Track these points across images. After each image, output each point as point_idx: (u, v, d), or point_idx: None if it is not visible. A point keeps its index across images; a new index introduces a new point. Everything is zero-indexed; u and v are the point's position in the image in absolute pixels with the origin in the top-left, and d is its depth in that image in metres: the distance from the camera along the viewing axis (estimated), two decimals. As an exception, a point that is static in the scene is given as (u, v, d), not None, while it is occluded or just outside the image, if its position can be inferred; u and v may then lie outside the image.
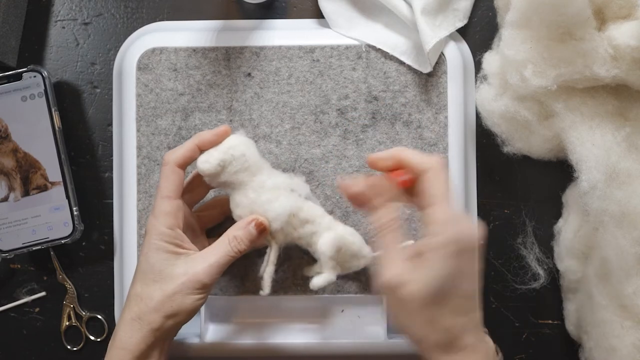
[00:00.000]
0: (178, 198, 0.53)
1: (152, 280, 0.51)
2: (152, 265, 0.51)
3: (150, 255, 0.52)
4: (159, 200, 0.52)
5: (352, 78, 0.61)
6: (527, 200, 0.63)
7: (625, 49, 0.52)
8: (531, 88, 0.56)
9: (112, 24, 0.64)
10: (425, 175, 0.48)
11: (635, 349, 0.54)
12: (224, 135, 0.53)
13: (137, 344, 0.51)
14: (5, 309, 0.63)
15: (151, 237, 0.52)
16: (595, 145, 0.55)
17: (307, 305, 0.61)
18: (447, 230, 0.46)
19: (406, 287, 0.46)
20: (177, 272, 0.51)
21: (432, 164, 0.48)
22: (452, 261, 0.45)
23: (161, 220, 0.52)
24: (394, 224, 0.48)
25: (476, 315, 0.47)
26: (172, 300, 0.51)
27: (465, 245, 0.46)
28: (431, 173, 0.48)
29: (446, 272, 0.45)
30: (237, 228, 0.53)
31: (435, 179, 0.48)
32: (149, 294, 0.51)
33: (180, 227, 0.53)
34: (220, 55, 0.61)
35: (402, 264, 0.47)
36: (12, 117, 0.61)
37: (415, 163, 0.49)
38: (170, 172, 0.52)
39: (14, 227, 0.61)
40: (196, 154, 0.53)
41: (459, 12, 0.62)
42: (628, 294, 0.54)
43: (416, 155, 0.49)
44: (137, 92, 0.61)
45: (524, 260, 0.62)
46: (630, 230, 0.53)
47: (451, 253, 0.45)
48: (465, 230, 0.46)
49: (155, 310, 0.51)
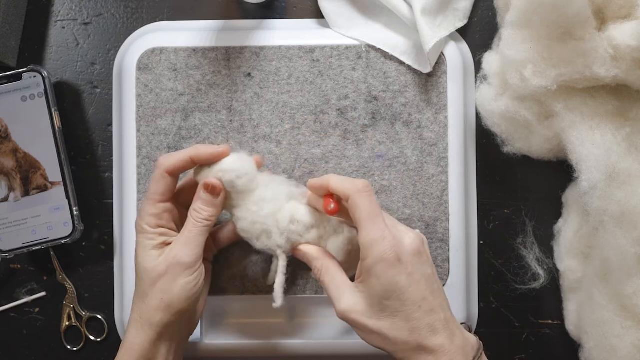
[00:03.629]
0: (164, 201, 0.54)
1: (145, 279, 0.52)
2: (140, 263, 0.53)
3: (139, 255, 0.53)
4: (145, 202, 0.54)
5: (352, 78, 0.61)
6: (527, 200, 0.63)
7: (625, 49, 0.52)
8: (531, 88, 0.56)
9: (112, 24, 0.64)
10: (349, 202, 0.50)
11: (635, 349, 0.54)
12: (221, 155, 0.53)
13: (141, 343, 0.51)
14: (5, 309, 0.63)
15: (138, 237, 0.53)
16: (595, 145, 0.55)
17: (307, 305, 0.61)
18: (370, 254, 0.48)
19: (354, 313, 0.49)
20: (158, 262, 0.52)
21: (353, 189, 0.50)
22: (384, 278, 0.48)
23: (146, 220, 0.53)
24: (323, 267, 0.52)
25: (439, 316, 0.49)
26: (162, 292, 0.51)
27: (390, 261, 0.48)
28: (351, 199, 0.50)
29: (382, 290, 0.48)
30: (194, 200, 0.53)
31: (355, 205, 0.50)
32: (145, 292, 0.52)
33: (165, 227, 0.54)
34: (220, 55, 0.61)
35: (346, 294, 0.50)
36: (12, 117, 0.61)
37: (339, 190, 0.51)
38: (160, 177, 0.53)
39: (14, 227, 0.61)
40: (188, 166, 0.53)
41: (459, 12, 0.62)
42: (628, 294, 0.54)
43: (339, 183, 0.51)
44: (137, 92, 0.61)
45: (524, 260, 0.62)
46: (630, 230, 0.53)
47: (380, 273, 0.48)
48: (387, 247, 0.48)
49: (152, 307, 0.51)
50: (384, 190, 0.60)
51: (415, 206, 0.60)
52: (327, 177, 0.52)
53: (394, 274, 0.48)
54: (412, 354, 0.48)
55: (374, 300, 0.48)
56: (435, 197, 0.60)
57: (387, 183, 0.60)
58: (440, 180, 0.60)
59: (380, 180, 0.60)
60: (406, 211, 0.60)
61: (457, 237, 0.60)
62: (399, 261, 0.48)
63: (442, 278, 0.60)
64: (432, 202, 0.60)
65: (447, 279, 0.60)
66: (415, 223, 0.60)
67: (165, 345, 0.52)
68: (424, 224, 0.60)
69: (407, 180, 0.60)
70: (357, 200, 0.49)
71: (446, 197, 0.60)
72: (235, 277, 0.60)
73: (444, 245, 0.60)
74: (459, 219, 0.60)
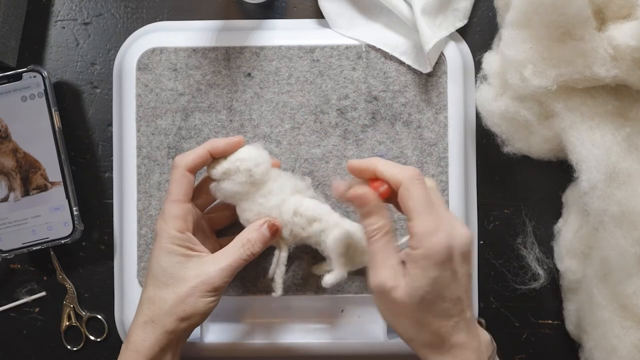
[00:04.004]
0: (187, 202, 0.53)
1: (164, 283, 0.51)
2: (164, 268, 0.51)
3: (161, 259, 0.52)
4: (168, 204, 0.52)
5: (352, 78, 0.61)
6: (527, 200, 0.63)
7: (625, 49, 0.52)
8: (531, 88, 0.56)
9: (112, 24, 0.64)
10: (400, 190, 0.48)
11: (635, 349, 0.54)
12: (237, 145, 0.53)
13: (150, 347, 0.51)
14: (5, 309, 0.63)
15: (162, 241, 0.52)
16: (595, 145, 0.55)
17: (307, 305, 0.61)
18: (423, 245, 0.46)
19: (395, 291, 0.47)
20: (189, 274, 0.51)
21: (404, 177, 0.48)
22: (431, 273, 0.46)
23: (171, 224, 0.52)
24: (384, 229, 0.49)
25: (466, 315, 0.48)
26: (185, 303, 0.51)
27: (442, 257, 0.46)
28: (404, 187, 0.48)
29: (426, 284, 0.46)
30: (251, 230, 0.53)
31: (408, 193, 0.48)
32: (162, 297, 0.51)
33: (190, 230, 0.53)
34: (220, 55, 0.61)
35: (392, 268, 0.48)
36: (12, 117, 0.61)
37: (388, 177, 0.49)
38: (181, 176, 0.52)
39: (14, 227, 0.61)
40: (207, 160, 0.53)
41: (459, 12, 0.62)
42: (628, 294, 0.54)
43: (389, 169, 0.49)
44: (137, 92, 0.61)
45: (524, 260, 0.62)
46: (630, 230, 0.53)
47: (428, 266, 0.46)
48: (442, 242, 0.46)
49: (168, 314, 0.51)
50: (384, 190, 0.60)
51: (415, 206, 0.60)
52: (373, 160, 0.50)
53: (441, 269, 0.46)
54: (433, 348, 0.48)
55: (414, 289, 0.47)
56: (435, 197, 0.60)
57: (387, 183, 0.60)
58: (440, 180, 0.60)
59: (380, 180, 0.60)
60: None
61: (457, 237, 0.60)
62: (449, 257, 0.46)
63: (442, 278, 0.60)
64: (432, 202, 0.60)
65: (447, 279, 0.60)
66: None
67: (171, 351, 0.52)
68: (424, 224, 0.60)
69: (407, 180, 0.60)
70: (411, 188, 0.47)
71: (446, 197, 0.60)
72: (235, 277, 0.60)
73: (444, 245, 0.60)
74: (459, 219, 0.60)
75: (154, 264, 0.52)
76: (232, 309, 0.61)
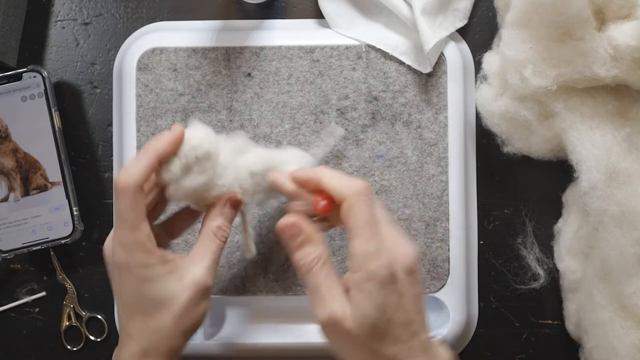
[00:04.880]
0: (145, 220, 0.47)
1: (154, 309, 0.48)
2: (148, 296, 0.47)
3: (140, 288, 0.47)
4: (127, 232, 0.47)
5: (352, 78, 0.61)
6: (527, 200, 0.63)
7: (625, 49, 0.52)
8: (531, 88, 0.56)
9: (112, 24, 0.64)
10: (343, 205, 0.45)
11: (635, 349, 0.54)
12: (181, 137, 0.48)
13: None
14: (5, 309, 0.63)
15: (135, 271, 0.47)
16: (595, 145, 0.55)
17: (307, 305, 0.61)
18: (363, 268, 0.44)
19: (345, 323, 0.44)
20: (177, 289, 0.48)
21: (349, 192, 0.45)
22: (376, 298, 0.44)
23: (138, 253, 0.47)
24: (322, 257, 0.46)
25: (420, 338, 0.46)
26: (185, 317, 0.48)
27: (385, 279, 0.44)
28: (347, 203, 0.45)
29: (373, 310, 0.44)
30: (214, 217, 0.49)
31: (351, 210, 0.45)
32: (157, 324, 0.47)
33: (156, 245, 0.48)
34: (220, 55, 0.61)
35: (339, 297, 0.45)
36: (12, 117, 0.61)
37: (332, 190, 0.46)
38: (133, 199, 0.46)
39: (14, 227, 0.61)
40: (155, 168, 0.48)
41: (459, 12, 0.62)
42: (628, 294, 0.54)
43: (334, 180, 0.46)
44: (137, 92, 0.61)
45: (524, 260, 0.62)
46: (630, 230, 0.53)
47: (372, 290, 0.44)
48: (383, 264, 0.44)
49: (169, 337, 0.48)
50: (384, 190, 0.60)
51: (415, 206, 0.60)
52: (318, 171, 0.47)
53: (386, 293, 0.44)
54: None
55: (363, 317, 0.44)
56: (435, 197, 0.60)
57: (387, 183, 0.60)
58: (440, 180, 0.60)
59: (380, 180, 0.60)
60: (406, 211, 0.60)
61: (457, 237, 0.60)
62: (392, 279, 0.44)
63: (442, 278, 0.60)
64: (432, 202, 0.60)
65: (447, 279, 0.60)
66: (415, 223, 0.60)
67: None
68: (424, 224, 0.60)
69: (407, 180, 0.60)
70: (355, 206, 0.45)
71: (446, 197, 0.60)
72: (235, 277, 0.60)
73: (444, 245, 0.60)
74: (459, 219, 0.60)
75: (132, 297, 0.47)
76: (232, 309, 0.61)
